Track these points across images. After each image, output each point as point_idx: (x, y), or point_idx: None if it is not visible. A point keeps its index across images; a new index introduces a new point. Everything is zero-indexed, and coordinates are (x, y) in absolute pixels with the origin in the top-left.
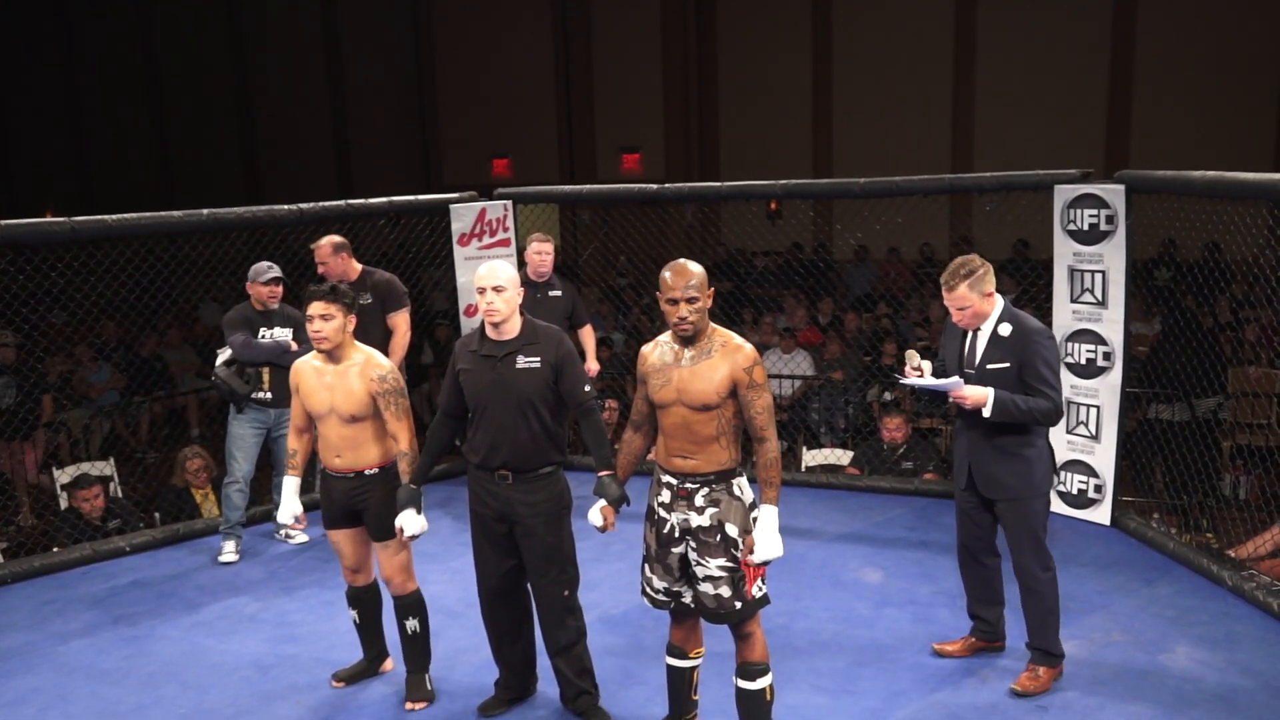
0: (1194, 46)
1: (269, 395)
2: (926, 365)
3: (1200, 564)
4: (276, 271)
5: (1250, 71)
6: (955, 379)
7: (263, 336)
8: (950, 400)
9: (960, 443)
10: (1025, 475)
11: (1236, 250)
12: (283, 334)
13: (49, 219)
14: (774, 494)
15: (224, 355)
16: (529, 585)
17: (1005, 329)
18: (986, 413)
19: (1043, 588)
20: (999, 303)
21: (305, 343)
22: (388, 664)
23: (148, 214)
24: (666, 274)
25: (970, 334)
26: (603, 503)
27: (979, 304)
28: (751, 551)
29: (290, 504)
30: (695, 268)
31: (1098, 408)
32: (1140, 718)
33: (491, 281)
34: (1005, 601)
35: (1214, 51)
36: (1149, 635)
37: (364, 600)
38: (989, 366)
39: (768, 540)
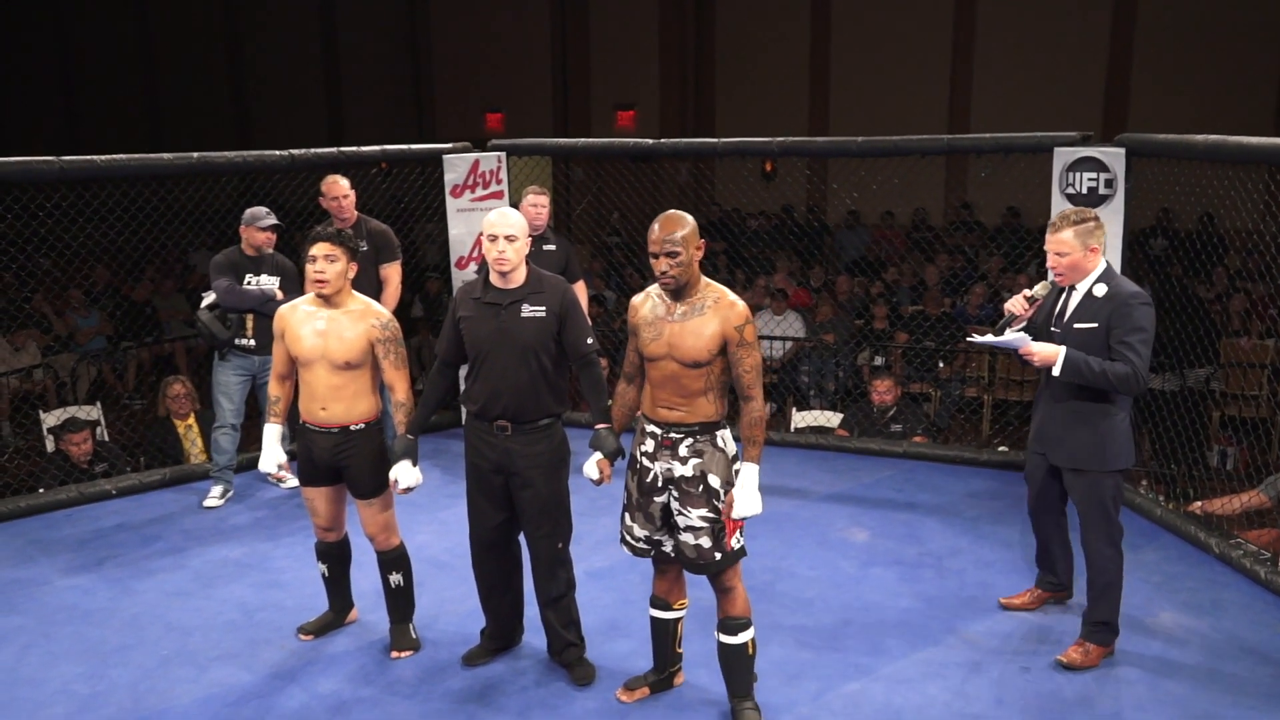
0: (1195, 11)
1: (253, 342)
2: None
3: (1187, 531)
4: (274, 219)
5: (1251, 38)
6: (1021, 336)
7: (249, 283)
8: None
9: (1040, 404)
10: (1096, 448)
11: (1233, 220)
12: (269, 281)
13: (37, 158)
14: (756, 452)
15: (208, 299)
16: (522, 536)
17: (1101, 289)
18: (1056, 371)
19: (1107, 563)
20: (1102, 264)
21: (291, 292)
22: (353, 614)
23: (137, 155)
24: (654, 226)
25: (1066, 291)
26: (598, 456)
27: (1080, 256)
28: (731, 507)
29: (273, 452)
30: (682, 221)
31: None
32: (1124, 681)
33: (504, 230)
34: (1073, 553)
35: (1215, 17)
36: (1135, 600)
37: (334, 555)
38: (1076, 325)
39: (747, 497)
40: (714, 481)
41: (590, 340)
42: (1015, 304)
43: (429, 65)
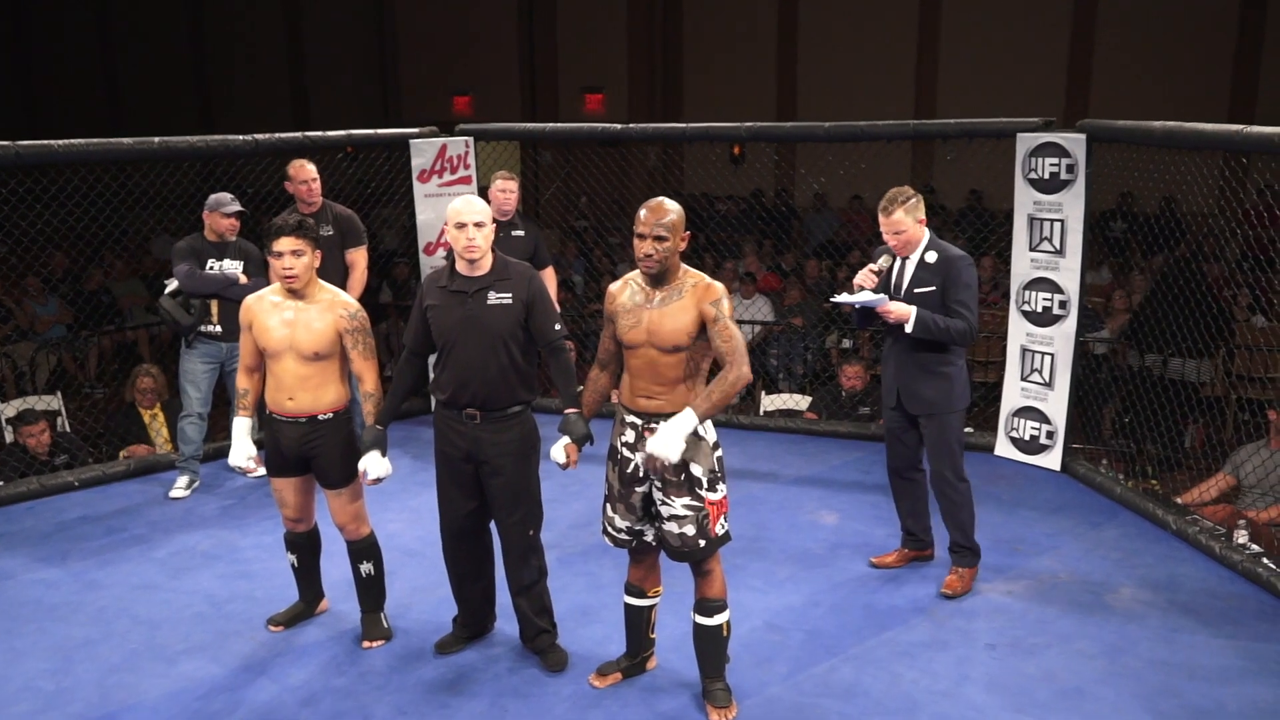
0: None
1: (218, 328)
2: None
3: (1146, 508)
4: (239, 205)
5: (1208, 26)
6: (882, 295)
7: (211, 268)
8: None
9: (889, 365)
10: (946, 391)
11: (1190, 203)
12: (233, 266)
13: None
14: (705, 406)
15: (171, 285)
16: (493, 524)
17: (932, 256)
18: (908, 328)
19: (959, 496)
20: (927, 232)
21: (255, 276)
22: (324, 604)
23: (96, 140)
24: (642, 210)
25: (900, 261)
26: (566, 440)
27: (913, 230)
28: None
29: (242, 445)
30: (672, 208)
31: (1052, 355)
32: (1085, 656)
33: (472, 217)
34: (931, 514)
35: (1173, 4)
36: (1095, 576)
37: (303, 546)
38: (916, 291)
39: (666, 437)
40: (696, 470)
41: (558, 326)
42: (864, 278)
43: (395, 47)
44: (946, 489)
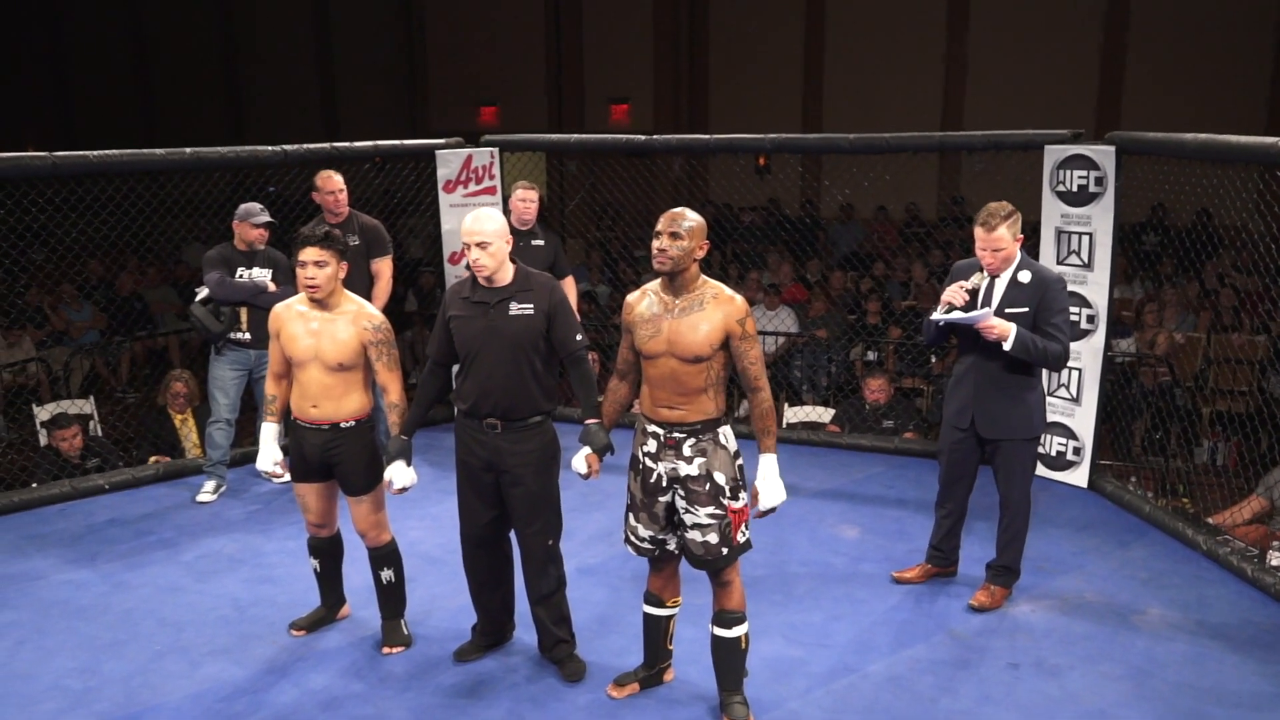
0: (1188, 10)
1: (247, 336)
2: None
3: (1175, 528)
4: (268, 216)
5: (1243, 36)
6: (985, 310)
7: (241, 276)
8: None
9: (963, 385)
10: (1025, 418)
11: (1223, 216)
12: (262, 274)
13: (30, 154)
14: (771, 441)
15: (202, 293)
16: (513, 533)
17: (1025, 275)
18: (1007, 346)
19: (1024, 518)
20: (1019, 251)
21: (284, 284)
22: (345, 610)
23: (130, 150)
24: (663, 216)
25: (988, 279)
26: (588, 450)
27: (1011, 247)
28: (757, 501)
29: (270, 451)
30: (692, 215)
31: (1079, 370)
32: (1110, 678)
33: (476, 238)
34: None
35: (1207, 15)
36: (1121, 597)
37: (326, 551)
38: (1007, 310)
39: (771, 487)
40: (720, 479)
41: (579, 337)
42: (955, 295)
43: (423, 58)
44: (1017, 510)
